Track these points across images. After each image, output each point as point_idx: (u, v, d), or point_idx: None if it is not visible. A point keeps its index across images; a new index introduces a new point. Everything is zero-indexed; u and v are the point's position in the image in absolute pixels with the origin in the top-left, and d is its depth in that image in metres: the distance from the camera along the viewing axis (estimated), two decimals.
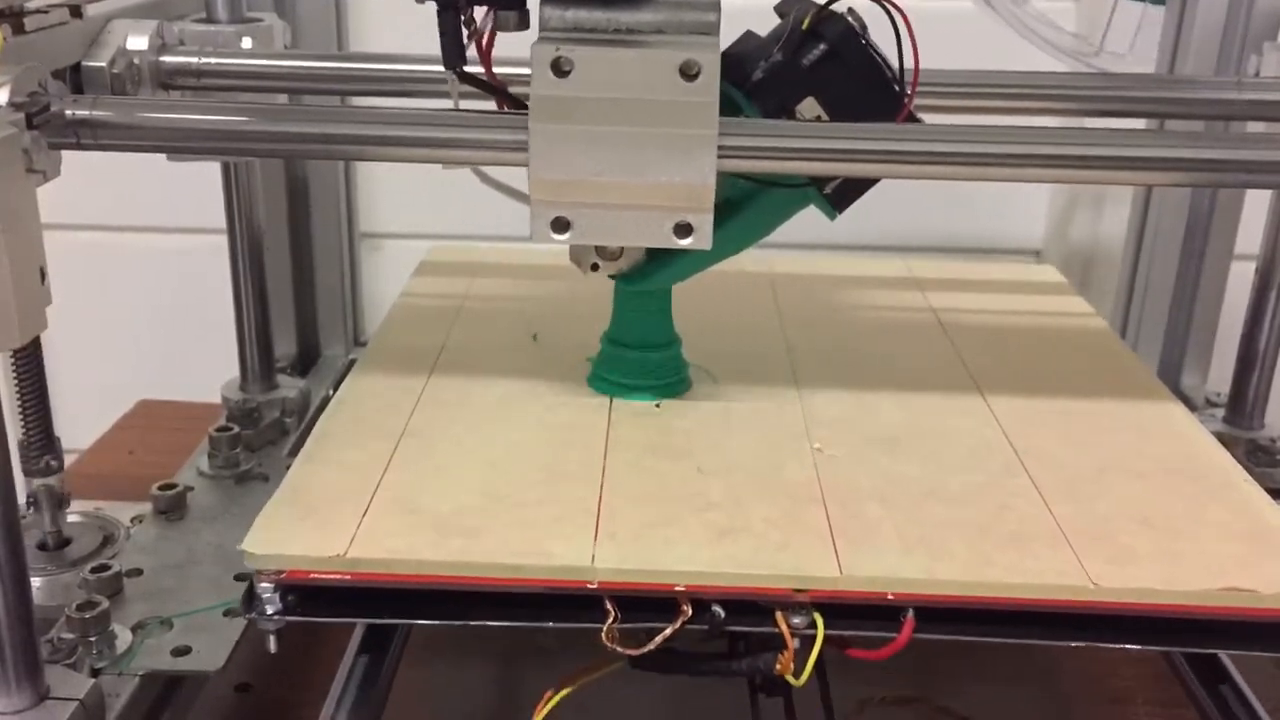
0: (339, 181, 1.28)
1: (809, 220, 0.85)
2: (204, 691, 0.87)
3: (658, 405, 0.88)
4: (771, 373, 0.94)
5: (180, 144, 0.77)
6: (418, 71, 0.94)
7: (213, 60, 0.91)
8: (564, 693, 0.71)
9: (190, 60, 0.91)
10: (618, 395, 0.89)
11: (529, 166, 0.72)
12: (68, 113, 0.70)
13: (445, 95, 0.91)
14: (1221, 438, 0.94)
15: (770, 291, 1.12)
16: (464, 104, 0.80)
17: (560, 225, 0.74)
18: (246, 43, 0.96)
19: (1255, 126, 0.99)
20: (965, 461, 0.81)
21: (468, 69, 0.76)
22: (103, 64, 0.84)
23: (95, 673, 0.77)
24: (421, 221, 1.41)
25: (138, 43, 0.87)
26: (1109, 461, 0.82)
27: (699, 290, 0.91)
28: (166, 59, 0.90)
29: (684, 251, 0.79)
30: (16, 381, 0.86)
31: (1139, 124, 1.08)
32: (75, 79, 0.83)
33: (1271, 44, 1.05)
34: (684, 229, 0.74)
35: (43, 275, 0.68)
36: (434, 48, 0.93)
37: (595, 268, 0.86)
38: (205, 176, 1.08)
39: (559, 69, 0.71)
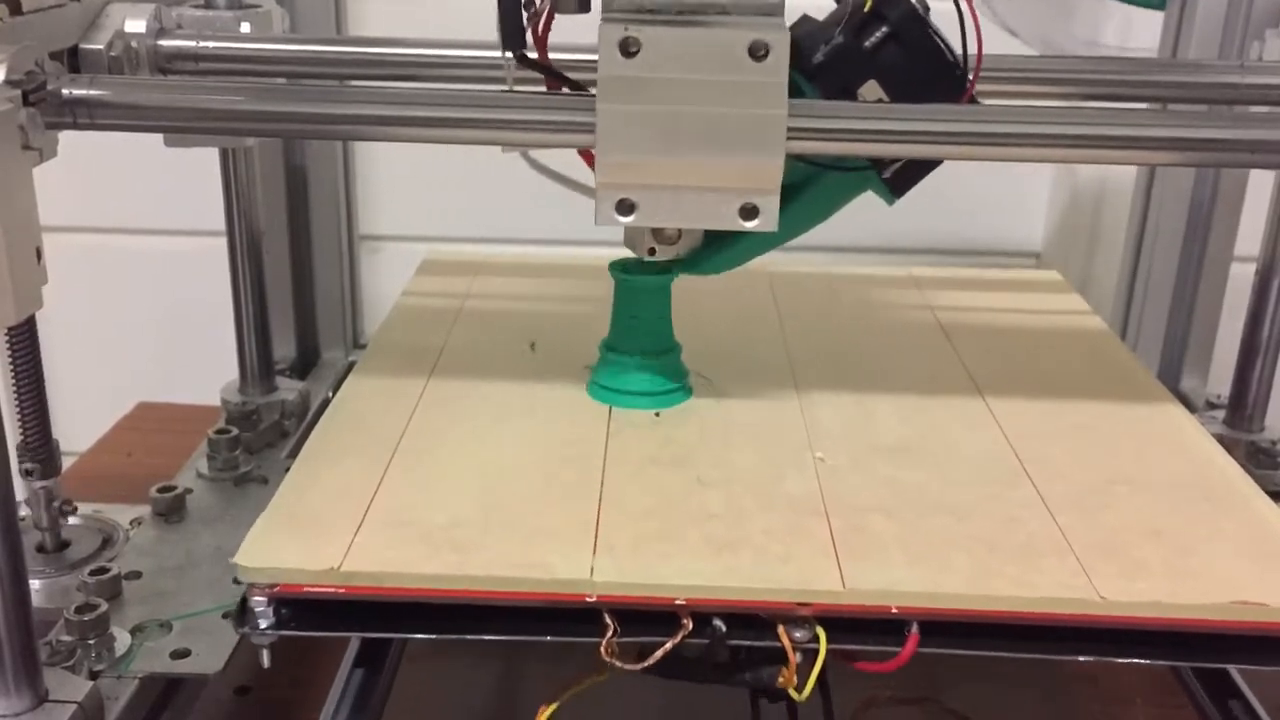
0: (338, 183, 1.28)
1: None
2: (203, 694, 0.87)
3: (657, 415, 0.88)
4: (772, 380, 0.93)
5: (177, 124, 0.78)
6: (416, 55, 0.94)
7: (210, 44, 0.91)
8: (565, 697, 0.71)
9: (188, 44, 0.90)
10: (617, 404, 0.88)
11: (596, 147, 0.72)
12: (64, 91, 0.70)
13: (448, 79, 0.92)
14: (1222, 440, 0.93)
15: (770, 296, 1.12)
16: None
17: (625, 207, 0.74)
18: (245, 27, 0.95)
19: (1258, 111, 0.98)
20: (970, 472, 0.81)
21: (526, 52, 0.75)
22: (100, 46, 0.84)
23: (94, 675, 0.77)
24: (421, 224, 1.41)
25: (136, 26, 0.87)
26: (1115, 472, 0.81)
27: (699, 296, 0.91)
28: (164, 43, 0.90)
29: (743, 236, 0.79)
30: (15, 383, 0.85)
31: (1141, 108, 1.07)
32: (73, 61, 0.83)
33: (1274, 30, 1.04)
34: (750, 211, 0.74)
35: (39, 254, 0.68)
36: (429, 32, 0.94)
37: (652, 252, 0.85)
38: (205, 178, 1.08)
39: (626, 49, 0.70)
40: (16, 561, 0.69)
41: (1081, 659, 0.69)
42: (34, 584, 0.79)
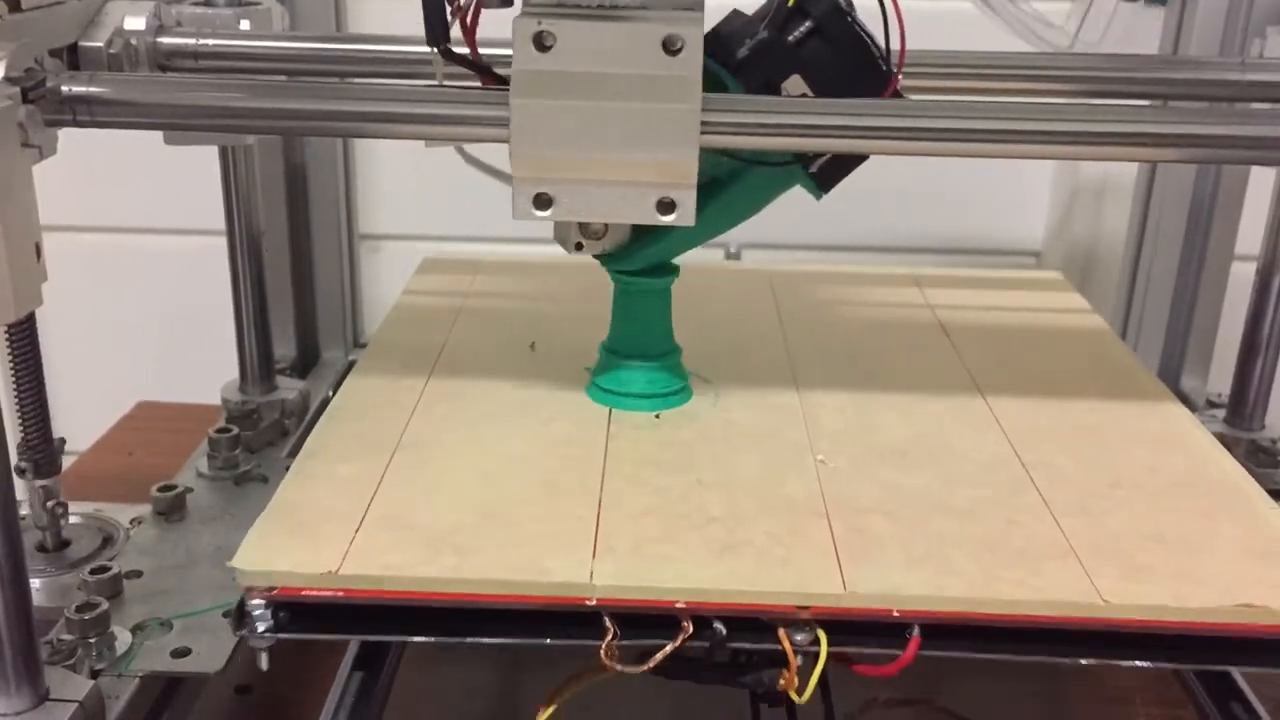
0: (338, 183, 1.28)
1: (808, 222, 0.85)
2: (204, 693, 0.87)
3: (657, 416, 0.87)
4: (773, 382, 0.93)
5: (177, 121, 0.77)
6: (416, 53, 0.93)
7: (210, 42, 0.91)
8: (564, 697, 0.71)
9: (187, 42, 0.90)
10: (616, 406, 0.88)
11: (510, 142, 0.72)
12: (64, 88, 0.70)
13: (446, 75, 0.91)
14: (1222, 439, 0.93)
15: (770, 296, 1.11)
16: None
17: (542, 202, 0.74)
18: (244, 25, 0.96)
19: (1259, 108, 0.98)
20: (972, 474, 0.81)
21: (452, 47, 0.75)
22: (99, 44, 0.84)
23: (95, 674, 0.77)
24: (421, 223, 1.41)
25: (135, 23, 0.87)
26: (1118, 474, 0.81)
27: (698, 295, 0.91)
28: (164, 40, 0.90)
29: (668, 230, 0.78)
30: (15, 381, 0.85)
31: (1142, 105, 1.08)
32: (72, 59, 0.83)
33: (1275, 28, 1.04)
34: (667, 206, 0.74)
35: (38, 251, 0.68)
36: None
37: (579, 247, 0.85)
38: (205, 177, 1.08)
39: (541, 43, 0.70)
40: (17, 560, 0.69)
41: (1084, 662, 0.69)
42: (35, 583, 0.79)
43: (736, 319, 1.06)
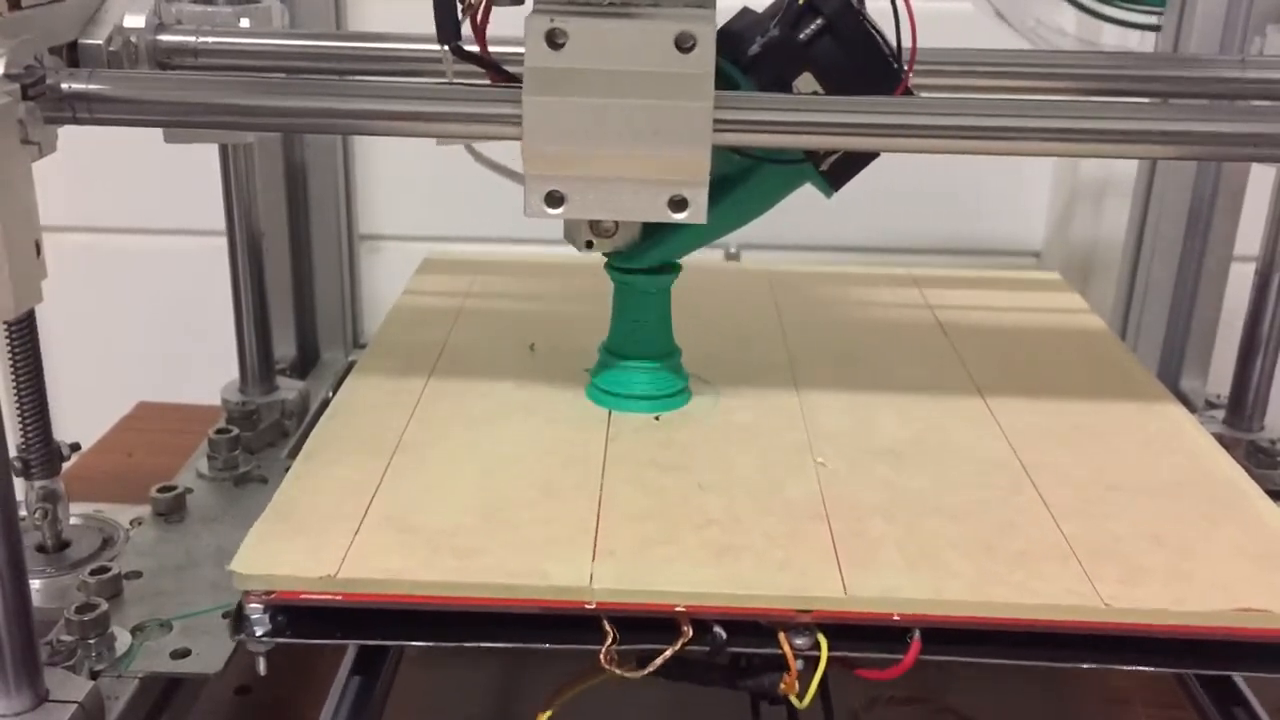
0: (338, 183, 1.28)
1: (808, 222, 0.85)
2: (203, 694, 0.87)
3: (657, 418, 0.87)
4: (772, 383, 0.93)
5: (176, 118, 0.77)
6: (416, 51, 0.93)
7: (210, 39, 0.91)
8: (564, 699, 0.71)
9: (187, 39, 0.90)
10: (616, 408, 0.88)
11: (522, 139, 0.72)
12: (64, 86, 0.70)
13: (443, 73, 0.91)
14: (1221, 439, 0.93)
15: (770, 296, 1.11)
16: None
17: (554, 200, 0.74)
18: (244, 23, 0.95)
19: (1260, 105, 0.98)
20: (971, 476, 0.81)
21: (462, 45, 0.75)
22: (99, 41, 0.83)
23: (94, 675, 0.77)
24: (420, 223, 1.41)
25: (135, 21, 0.87)
26: (1117, 476, 0.81)
27: (698, 296, 0.91)
28: (163, 38, 0.89)
29: (679, 228, 0.78)
30: (15, 383, 0.85)
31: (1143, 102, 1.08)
32: (72, 56, 0.82)
33: (1275, 25, 1.04)
34: (679, 203, 0.74)
35: (38, 248, 0.68)
36: (432, 27, 0.93)
37: (590, 245, 0.85)
38: (205, 178, 1.08)
39: (553, 41, 0.70)
40: (17, 561, 0.69)
41: (1085, 666, 0.69)
42: (34, 584, 0.79)
43: (736, 320, 1.06)
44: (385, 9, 1.32)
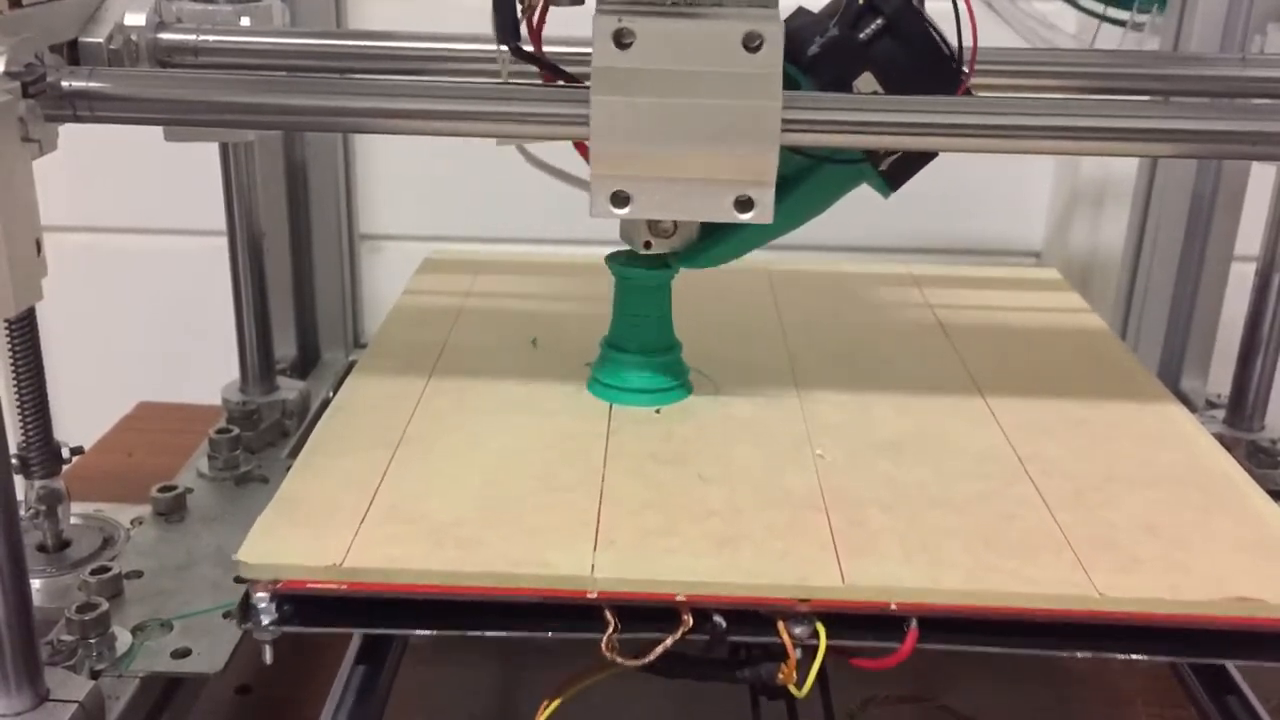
0: (338, 183, 1.29)
1: (809, 222, 0.85)
2: (204, 693, 0.87)
3: (657, 411, 0.88)
4: (772, 377, 0.93)
5: (176, 116, 0.77)
6: (417, 49, 0.93)
7: (211, 38, 0.91)
8: (565, 695, 0.71)
9: (188, 38, 0.91)
10: (617, 401, 0.88)
11: (590, 139, 0.72)
12: (64, 84, 0.70)
13: (447, 73, 0.91)
14: (1222, 439, 0.94)
15: (770, 294, 1.12)
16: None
17: (620, 199, 0.74)
18: (245, 21, 0.96)
19: (1260, 103, 0.98)
20: (969, 468, 0.81)
21: (521, 45, 0.75)
22: (100, 40, 0.84)
23: (95, 675, 0.77)
24: (421, 223, 1.41)
25: (135, 19, 0.88)
26: (1114, 469, 0.81)
27: (699, 293, 0.91)
28: (164, 36, 0.90)
29: (739, 228, 0.78)
30: (16, 383, 0.85)
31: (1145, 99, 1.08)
32: (72, 55, 0.83)
33: (1275, 24, 1.05)
34: (745, 204, 0.74)
35: (38, 246, 0.68)
36: (431, 25, 0.93)
37: (648, 245, 0.85)
38: (205, 178, 1.08)
39: (620, 41, 0.70)
40: (17, 561, 0.69)
41: (1079, 654, 0.69)
42: (35, 583, 0.80)
43: (736, 316, 1.06)
44: (385, 8, 1.32)
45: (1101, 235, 1.39)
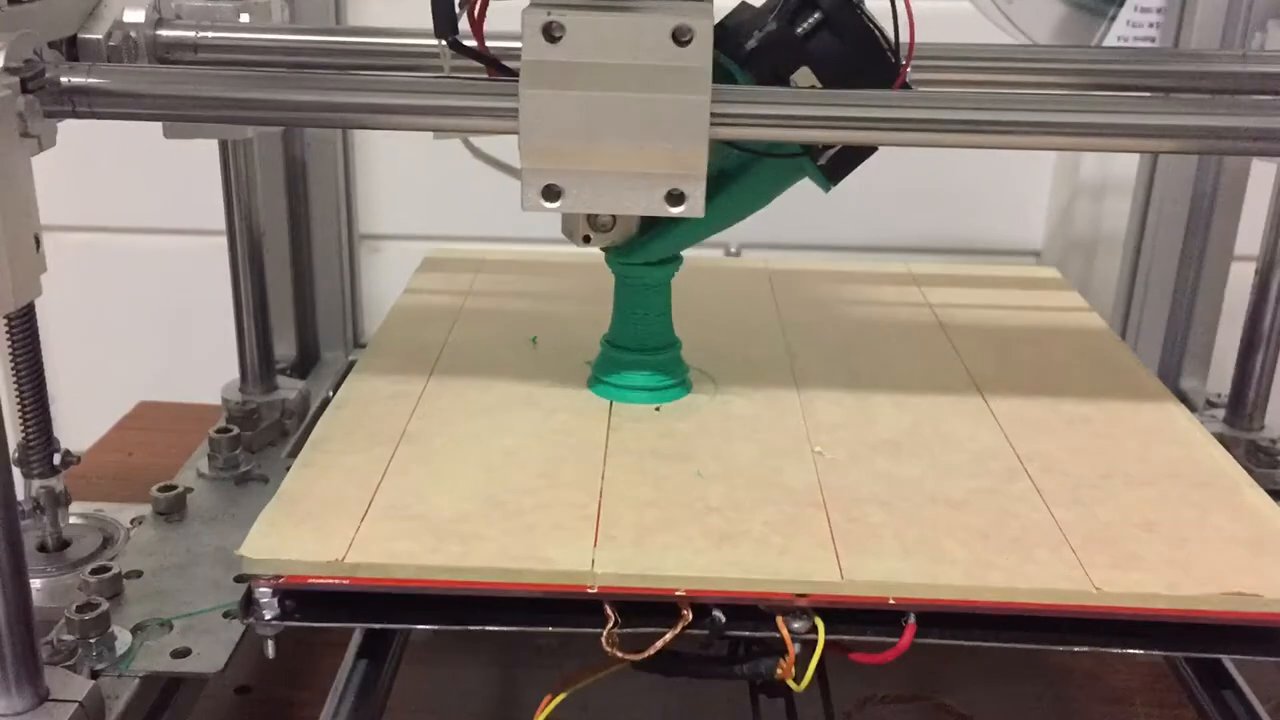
0: (338, 183, 1.28)
1: (808, 221, 0.85)
2: (204, 693, 0.87)
3: (657, 409, 0.88)
4: (772, 375, 0.93)
5: (175, 112, 0.77)
6: (416, 46, 0.93)
7: (210, 35, 0.91)
8: (565, 694, 0.71)
9: (187, 35, 0.91)
10: (617, 399, 0.89)
11: (519, 133, 0.72)
12: (63, 80, 0.70)
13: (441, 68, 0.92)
14: (1221, 438, 0.94)
15: (770, 292, 1.12)
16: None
17: (551, 194, 0.74)
18: (244, 18, 0.96)
19: (1260, 100, 0.98)
20: (967, 465, 0.81)
21: (460, 39, 0.75)
22: (99, 36, 0.84)
23: (95, 674, 0.77)
24: (420, 223, 1.41)
25: (135, 16, 0.88)
26: (1111, 466, 0.82)
27: (698, 291, 0.91)
28: (163, 33, 0.90)
29: (677, 222, 0.78)
30: (16, 382, 0.85)
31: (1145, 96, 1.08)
32: (71, 51, 0.83)
33: (1276, 21, 1.05)
34: (676, 197, 0.74)
35: (37, 242, 0.68)
36: (430, 23, 0.93)
37: (587, 240, 0.85)
38: (205, 177, 1.08)
39: (550, 34, 0.70)
40: (17, 560, 0.69)
41: (1076, 649, 0.70)
42: (35, 583, 0.79)
43: (736, 314, 1.06)
44: (384, 5, 1.32)
45: (1101, 234, 1.39)
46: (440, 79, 0.76)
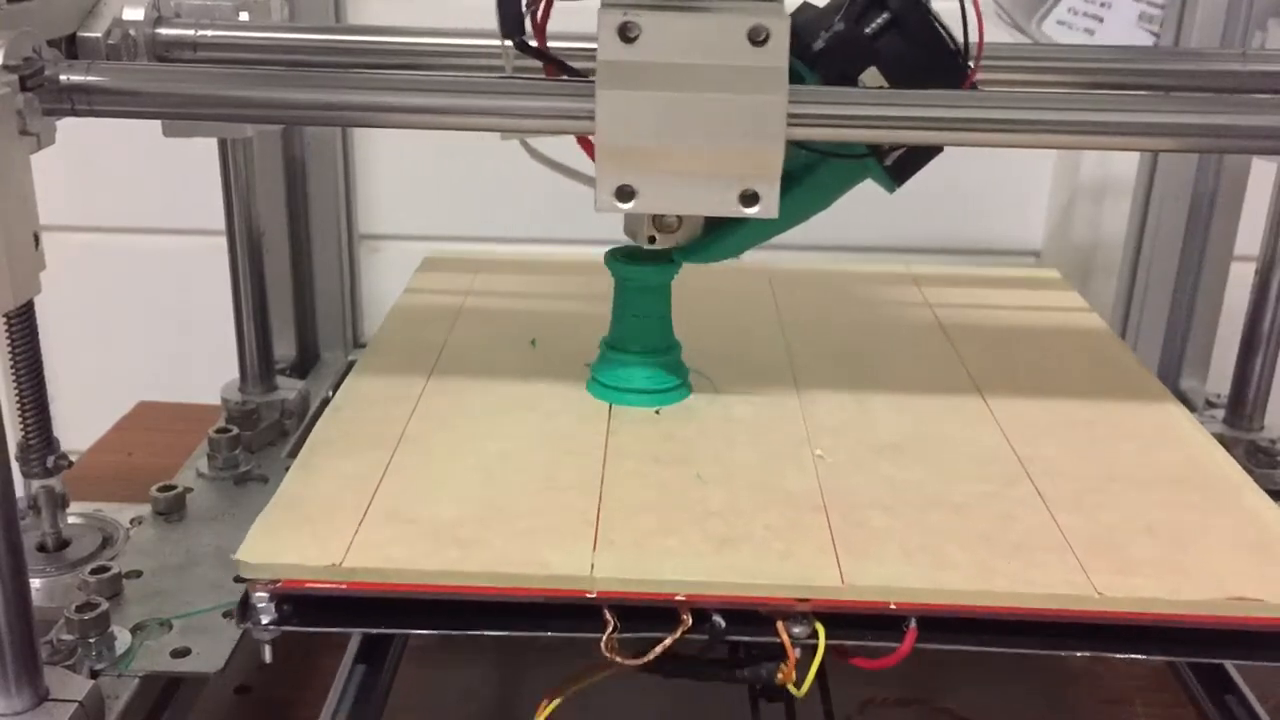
0: (338, 183, 1.28)
1: (809, 222, 0.85)
2: (203, 693, 0.87)
3: (657, 412, 0.88)
4: (772, 378, 0.93)
5: (175, 110, 0.77)
6: (416, 44, 0.93)
7: (209, 33, 0.91)
8: (564, 694, 0.71)
9: (186, 33, 0.90)
10: (617, 402, 0.88)
11: (595, 134, 0.71)
12: (62, 78, 0.70)
13: (447, 68, 0.91)
14: (1221, 439, 0.94)
15: (770, 294, 1.12)
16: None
17: (625, 194, 0.73)
18: (243, 16, 0.95)
19: (1260, 99, 0.98)
20: (968, 469, 0.81)
21: (526, 40, 0.75)
22: (98, 34, 0.84)
23: (94, 674, 0.77)
24: (420, 223, 1.41)
25: (134, 14, 0.87)
26: (1113, 470, 0.81)
27: (698, 294, 0.91)
28: (162, 31, 0.90)
29: (743, 223, 0.78)
30: (15, 382, 0.85)
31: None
32: (71, 49, 0.82)
33: (1276, 19, 1.05)
34: (750, 198, 0.73)
35: (36, 240, 0.68)
36: (429, 20, 0.93)
37: (652, 240, 0.85)
38: (205, 177, 1.08)
39: (626, 34, 0.70)
40: (17, 560, 0.69)
41: (1079, 654, 0.69)
42: (34, 583, 0.79)
43: (736, 316, 1.06)
44: (384, 4, 1.31)
45: (1101, 234, 1.39)
46: (513, 80, 0.76)
